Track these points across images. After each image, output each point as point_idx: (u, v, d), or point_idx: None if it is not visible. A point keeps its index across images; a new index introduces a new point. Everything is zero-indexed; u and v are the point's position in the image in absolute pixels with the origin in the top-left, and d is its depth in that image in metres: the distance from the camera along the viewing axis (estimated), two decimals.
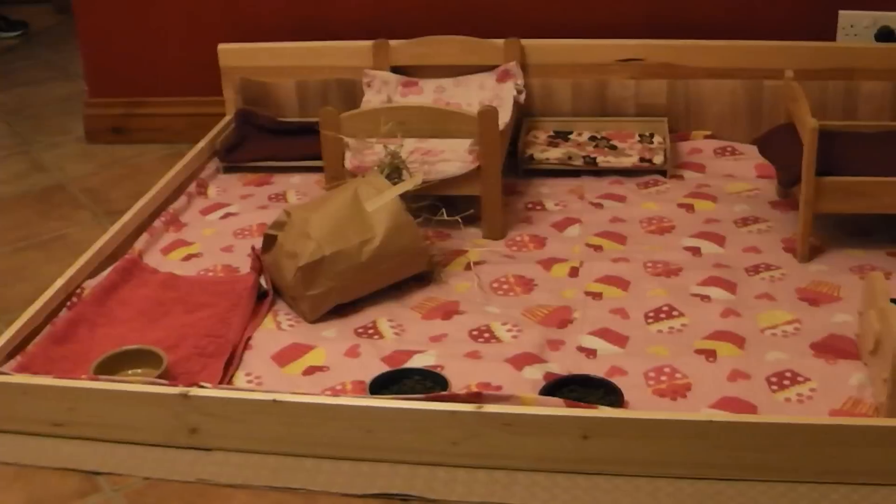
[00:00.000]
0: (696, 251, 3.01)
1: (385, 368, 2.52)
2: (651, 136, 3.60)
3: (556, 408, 2.25)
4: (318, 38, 3.83)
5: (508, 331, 2.67)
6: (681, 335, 2.63)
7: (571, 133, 3.65)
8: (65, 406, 2.37)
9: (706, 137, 3.65)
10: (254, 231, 3.21)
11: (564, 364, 2.53)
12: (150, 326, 2.73)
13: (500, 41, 3.67)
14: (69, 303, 2.81)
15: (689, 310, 2.72)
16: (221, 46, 3.85)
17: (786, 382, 2.43)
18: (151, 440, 2.36)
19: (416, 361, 2.56)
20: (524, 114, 3.70)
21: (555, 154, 3.48)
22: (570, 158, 3.47)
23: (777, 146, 3.13)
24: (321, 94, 3.83)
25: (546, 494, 2.17)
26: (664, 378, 2.47)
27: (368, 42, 3.74)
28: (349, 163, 3.11)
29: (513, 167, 3.47)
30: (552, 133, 3.65)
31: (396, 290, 2.85)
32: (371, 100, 3.61)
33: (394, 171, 2.93)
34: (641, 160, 3.45)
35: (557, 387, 2.40)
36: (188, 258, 3.09)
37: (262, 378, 2.54)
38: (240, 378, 2.55)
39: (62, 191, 3.73)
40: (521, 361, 2.52)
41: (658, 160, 3.44)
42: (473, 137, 3.05)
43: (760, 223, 3.14)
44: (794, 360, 2.50)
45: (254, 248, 2.92)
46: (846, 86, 3.54)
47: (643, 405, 2.38)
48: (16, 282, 3.11)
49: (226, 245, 3.15)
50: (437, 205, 2.99)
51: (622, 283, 2.86)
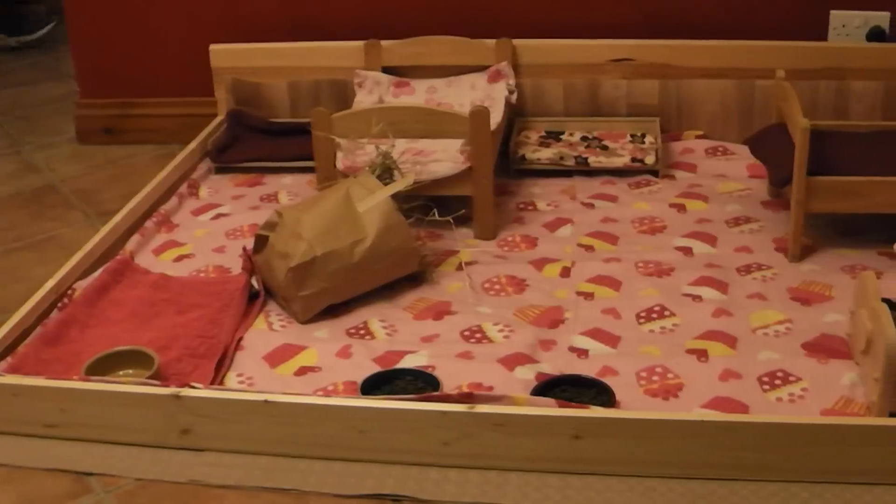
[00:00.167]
0: (688, 251, 3.01)
1: (377, 369, 2.52)
2: (643, 136, 3.60)
3: (548, 408, 2.25)
4: (310, 39, 3.83)
5: (500, 331, 2.67)
6: (673, 335, 2.63)
7: (563, 133, 3.65)
8: (56, 407, 2.37)
9: (698, 137, 3.65)
10: (245, 232, 3.20)
11: (556, 364, 2.53)
12: (142, 327, 2.73)
13: (492, 41, 3.67)
14: (60, 304, 2.81)
15: (681, 310, 2.72)
16: (213, 47, 3.85)
17: (777, 382, 2.43)
18: (143, 441, 2.36)
19: (408, 362, 2.56)
20: (516, 114, 3.70)
21: (546, 154, 3.48)
22: (562, 158, 3.47)
23: (768, 146, 3.13)
24: (313, 95, 3.82)
25: (538, 495, 2.17)
26: (656, 378, 2.47)
27: (360, 42, 3.74)
28: (341, 163, 3.10)
29: (504, 167, 3.47)
30: (544, 133, 3.65)
31: (388, 291, 2.85)
32: (363, 100, 3.60)
33: (385, 172, 2.93)
34: (633, 160, 3.45)
35: (549, 387, 2.40)
36: (180, 259, 3.09)
37: (254, 379, 2.54)
38: (231, 379, 2.54)
39: (54, 191, 3.72)
40: (513, 362, 2.52)
41: (650, 160, 3.45)
42: (465, 138, 3.05)
43: (752, 223, 3.14)
44: (786, 360, 2.51)
45: (245, 249, 2.92)
46: (837, 85, 3.54)
47: (635, 405, 2.38)
48: (7, 283, 3.10)
49: (217, 246, 3.15)
50: (429, 205, 2.99)
51: (614, 283, 2.86)
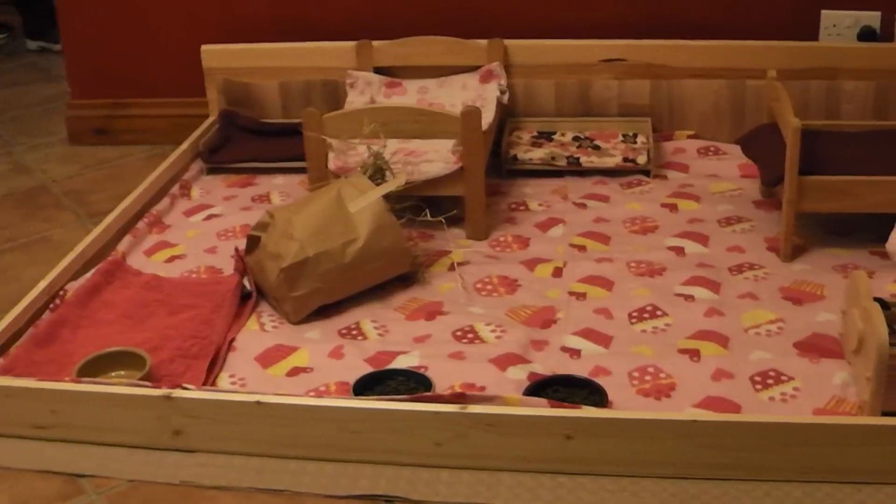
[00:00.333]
0: (680, 251, 3.01)
1: (369, 369, 2.52)
2: (634, 137, 3.60)
3: (540, 408, 2.25)
4: (302, 39, 3.83)
5: (492, 331, 2.67)
6: (665, 335, 2.64)
7: (555, 133, 3.65)
8: (48, 408, 2.37)
9: (689, 137, 3.65)
10: (237, 232, 3.20)
11: (548, 364, 2.53)
12: (134, 328, 2.73)
13: (484, 42, 3.67)
14: (52, 305, 2.81)
15: (673, 309, 2.72)
16: (204, 47, 3.84)
17: (770, 381, 2.44)
18: (135, 442, 2.36)
19: (400, 362, 2.56)
20: (507, 114, 3.70)
21: (538, 154, 3.48)
22: (554, 159, 3.47)
23: (760, 146, 3.13)
24: (304, 95, 3.82)
25: (530, 495, 2.17)
26: (648, 378, 2.47)
27: (351, 43, 3.73)
28: (332, 164, 3.10)
29: (496, 168, 3.47)
30: (536, 133, 3.65)
31: (380, 291, 2.85)
32: (354, 100, 3.60)
33: (377, 172, 2.93)
34: (625, 160, 3.45)
35: (541, 387, 2.40)
36: (171, 260, 3.09)
37: (246, 379, 2.54)
38: (223, 379, 2.54)
39: (45, 192, 3.72)
40: (505, 362, 2.52)
41: (641, 160, 3.45)
42: (457, 138, 3.05)
43: (744, 223, 3.15)
44: (778, 360, 2.51)
45: (237, 250, 2.92)
46: (829, 85, 3.54)
47: (627, 405, 2.38)
48: None
49: (209, 246, 3.14)
50: (421, 205, 2.99)
51: (606, 283, 2.86)
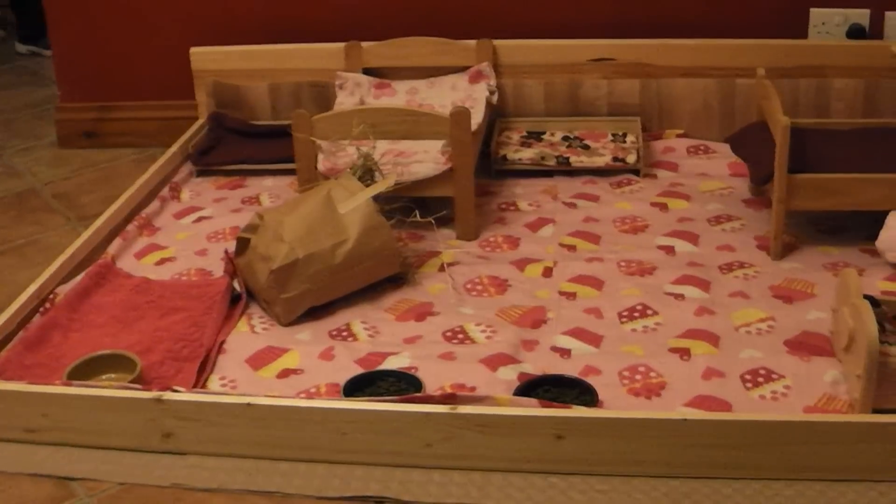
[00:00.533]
0: (670, 250, 3.01)
1: (359, 371, 2.52)
2: (624, 136, 3.60)
3: (531, 408, 2.25)
4: (290, 41, 3.83)
5: (482, 332, 2.67)
6: (655, 334, 2.64)
7: (544, 133, 3.65)
8: (38, 412, 2.36)
9: (679, 136, 3.65)
10: (227, 234, 3.20)
11: (539, 364, 2.53)
12: (124, 331, 2.72)
13: (473, 42, 3.68)
14: (42, 308, 2.80)
15: (663, 308, 2.73)
16: (193, 50, 3.84)
17: (760, 380, 2.44)
18: (126, 445, 2.35)
19: (391, 363, 2.56)
20: (497, 114, 3.70)
21: (528, 154, 3.48)
22: (543, 159, 3.47)
23: (749, 144, 3.13)
24: (294, 97, 3.82)
25: (521, 495, 2.17)
26: (639, 377, 2.47)
27: (340, 44, 3.73)
28: (322, 165, 3.10)
29: (486, 168, 3.47)
30: (525, 133, 3.65)
31: (370, 292, 2.84)
32: (344, 102, 3.60)
33: (366, 173, 2.93)
34: (614, 160, 3.46)
35: (532, 387, 2.40)
36: (162, 262, 3.08)
37: (237, 382, 2.54)
38: (214, 382, 2.54)
39: (35, 196, 3.71)
40: (496, 362, 2.52)
41: (631, 159, 3.45)
42: (446, 139, 3.05)
43: (734, 221, 3.15)
44: (769, 358, 2.51)
45: (227, 252, 2.92)
46: (818, 83, 3.55)
47: (618, 404, 2.38)
48: None
49: (199, 249, 3.14)
50: (411, 206, 2.99)
51: (596, 283, 2.86)
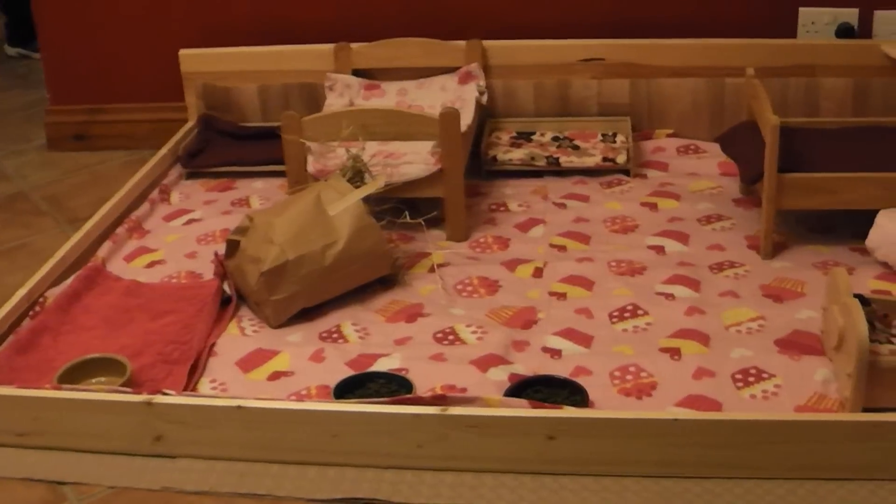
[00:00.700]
0: (660, 250, 3.01)
1: (350, 372, 2.52)
2: (614, 136, 3.60)
3: (522, 409, 2.25)
4: (280, 43, 3.82)
5: (473, 332, 2.67)
6: (645, 334, 2.64)
7: (534, 134, 3.65)
8: (29, 416, 2.36)
9: (669, 136, 3.65)
10: (217, 237, 3.19)
11: (529, 365, 2.53)
12: (114, 334, 2.72)
13: (462, 43, 3.67)
14: (32, 312, 2.80)
15: (654, 308, 2.73)
16: (183, 52, 3.83)
17: (751, 379, 2.44)
18: (116, 448, 2.35)
19: (381, 365, 2.56)
20: (487, 115, 3.70)
21: (518, 155, 3.48)
22: (533, 159, 3.47)
23: (739, 144, 3.14)
24: (283, 99, 3.82)
25: (512, 496, 2.17)
26: (629, 377, 2.47)
27: (330, 45, 3.73)
28: (311, 167, 3.10)
29: (476, 169, 3.47)
30: (515, 134, 3.65)
31: (360, 294, 2.84)
32: (333, 103, 3.60)
33: (356, 175, 2.92)
34: (604, 160, 3.46)
35: (522, 388, 2.40)
36: (152, 265, 3.08)
37: (227, 384, 2.53)
38: (204, 385, 2.54)
39: (24, 199, 3.70)
40: (486, 363, 2.52)
41: (621, 159, 3.45)
42: (435, 139, 3.05)
43: (724, 221, 3.15)
44: (759, 357, 2.51)
45: (217, 254, 2.91)
46: (807, 82, 3.55)
47: (609, 404, 2.38)
48: None
49: (189, 251, 3.14)
50: (401, 207, 2.98)
51: (586, 283, 2.86)
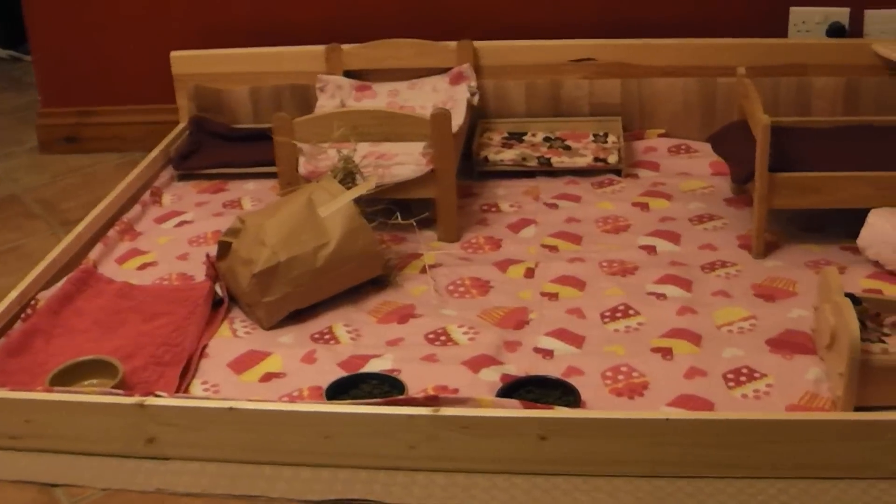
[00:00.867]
0: (652, 250, 3.01)
1: (342, 374, 2.51)
2: (605, 136, 3.60)
3: (514, 409, 2.24)
4: (271, 44, 3.82)
5: (465, 333, 2.67)
6: (637, 334, 2.64)
7: (526, 134, 3.65)
8: (20, 418, 2.35)
9: (660, 136, 3.65)
10: (209, 239, 3.19)
11: (521, 365, 2.53)
12: (106, 336, 2.72)
13: (453, 43, 3.68)
14: (24, 314, 2.80)
15: (646, 308, 2.73)
16: (174, 54, 3.83)
17: (743, 379, 2.44)
18: (109, 451, 2.35)
19: (373, 366, 2.55)
20: (478, 115, 3.69)
21: (509, 155, 3.48)
22: (525, 159, 3.47)
23: (730, 143, 3.14)
24: (275, 100, 3.81)
25: (505, 496, 2.17)
26: (621, 377, 2.47)
27: (321, 47, 3.73)
28: (303, 168, 3.09)
29: (467, 169, 3.47)
30: (506, 134, 3.65)
31: (352, 295, 2.84)
32: (325, 105, 3.60)
33: (347, 176, 2.92)
34: (596, 160, 3.46)
35: (514, 388, 2.40)
36: (143, 267, 3.08)
37: (219, 386, 2.53)
38: (196, 386, 2.53)
39: (16, 202, 3.70)
40: (478, 363, 2.52)
41: (612, 159, 3.45)
42: (427, 140, 3.05)
43: (715, 220, 3.15)
44: (751, 357, 2.51)
45: (209, 256, 2.91)
46: (798, 82, 3.55)
47: (601, 405, 2.38)
48: None
49: (181, 253, 3.13)
50: (392, 208, 2.98)
51: (578, 284, 2.86)
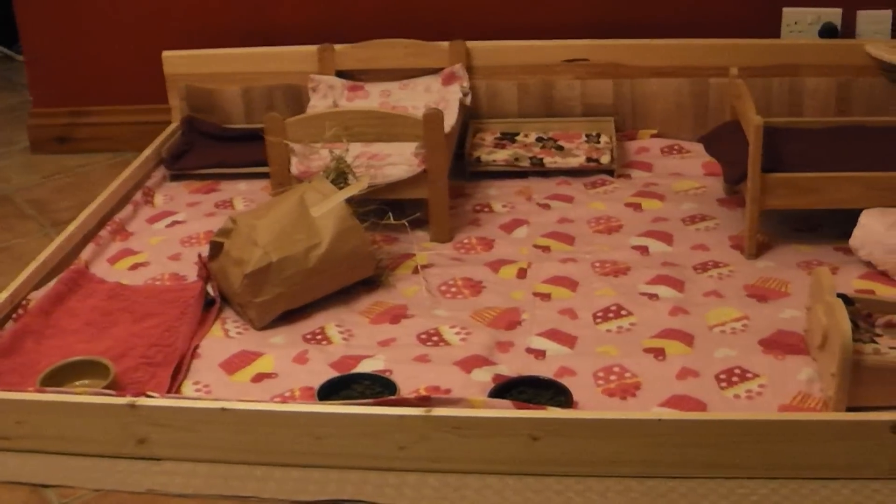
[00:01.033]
0: (644, 250, 3.01)
1: (334, 374, 2.51)
2: (598, 136, 3.60)
3: (506, 410, 2.24)
4: (263, 44, 3.82)
5: (457, 333, 2.66)
6: (630, 334, 2.64)
7: (518, 134, 3.65)
8: (12, 419, 2.35)
9: (653, 136, 3.66)
10: (201, 239, 3.19)
11: (513, 366, 2.53)
12: (98, 337, 2.71)
13: (446, 43, 3.68)
14: (15, 315, 2.79)
15: (638, 309, 2.73)
16: (166, 53, 3.83)
17: (735, 379, 2.44)
18: (100, 451, 2.34)
19: (365, 366, 2.55)
20: (470, 116, 3.70)
21: (502, 156, 3.48)
22: (517, 160, 3.47)
23: (723, 144, 3.14)
24: (267, 100, 3.81)
25: (497, 497, 2.17)
26: (613, 378, 2.47)
27: (313, 47, 3.73)
28: (295, 168, 3.09)
29: (460, 170, 3.47)
30: (499, 135, 3.65)
31: (344, 295, 2.84)
32: (317, 105, 3.59)
33: (340, 176, 2.92)
34: (588, 160, 3.46)
35: (507, 389, 2.40)
36: (135, 267, 3.07)
37: (211, 386, 2.53)
38: (188, 387, 2.53)
39: (7, 202, 3.69)
40: (470, 364, 2.52)
41: (605, 160, 3.45)
42: (419, 141, 3.05)
43: (708, 221, 3.15)
44: (743, 357, 2.51)
45: (201, 256, 2.91)
46: (791, 82, 3.56)
47: (593, 405, 2.38)
48: None
49: (173, 253, 3.13)
50: (384, 209, 2.98)
51: (570, 284, 2.86)
